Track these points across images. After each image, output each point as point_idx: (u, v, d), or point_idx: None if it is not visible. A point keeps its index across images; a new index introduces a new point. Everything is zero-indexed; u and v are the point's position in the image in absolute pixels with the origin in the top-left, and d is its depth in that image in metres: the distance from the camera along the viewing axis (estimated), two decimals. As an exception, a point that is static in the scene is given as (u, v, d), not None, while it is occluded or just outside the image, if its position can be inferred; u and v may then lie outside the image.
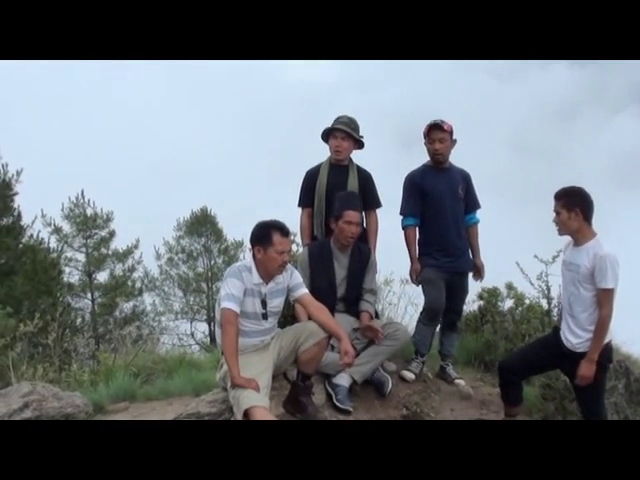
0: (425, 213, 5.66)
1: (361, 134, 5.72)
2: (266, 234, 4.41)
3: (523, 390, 4.98)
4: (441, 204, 5.60)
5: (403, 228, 5.74)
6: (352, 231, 5.26)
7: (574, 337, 4.49)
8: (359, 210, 5.35)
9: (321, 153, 5.83)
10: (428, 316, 5.65)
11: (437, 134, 5.51)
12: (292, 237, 5.19)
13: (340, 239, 5.33)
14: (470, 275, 5.87)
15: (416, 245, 5.74)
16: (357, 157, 5.82)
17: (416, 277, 5.77)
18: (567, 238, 4.65)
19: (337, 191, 5.50)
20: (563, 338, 4.58)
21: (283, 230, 4.46)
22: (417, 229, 5.74)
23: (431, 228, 5.65)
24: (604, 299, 4.35)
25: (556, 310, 6.20)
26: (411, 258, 5.76)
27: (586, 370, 4.39)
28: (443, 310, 5.63)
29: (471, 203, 5.84)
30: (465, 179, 5.78)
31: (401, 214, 5.75)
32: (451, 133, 5.54)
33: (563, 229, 4.51)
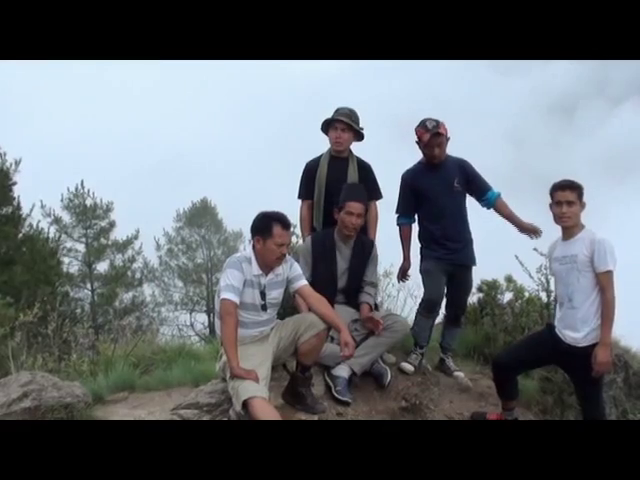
0: (422, 211, 5.72)
1: (361, 126, 5.71)
2: (266, 225, 4.40)
3: (519, 384, 4.99)
4: (436, 202, 5.60)
5: (397, 225, 5.87)
6: (352, 222, 5.25)
7: (575, 332, 4.48)
8: (362, 202, 5.34)
9: (321, 145, 5.83)
10: (427, 307, 5.65)
11: (437, 140, 5.50)
12: (292, 229, 5.19)
13: (342, 229, 5.34)
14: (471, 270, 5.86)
15: (410, 243, 5.83)
16: (357, 149, 5.82)
17: (402, 276, 5.99)
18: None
19: (337, 183, 5.50)
20: (561, 335, 4.57)
21: (284, 223, 4.45)
22: (411, 227, 5.83)
23: (429, 225, 5.67)
24: (606, 282, 4.36)
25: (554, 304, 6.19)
26: (403, 256, 5.90)
27: (603, 356, 4.35)
28: (441, 302, 5.65)
29: (480, 186, 5.75)
30: (462, 169, 5.70)
31: (396, 213, 5.88)
32: (446, 133, 5.56)
33: (572, 220, 4.50)
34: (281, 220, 4.44)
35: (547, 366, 5.24)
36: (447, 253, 5.58)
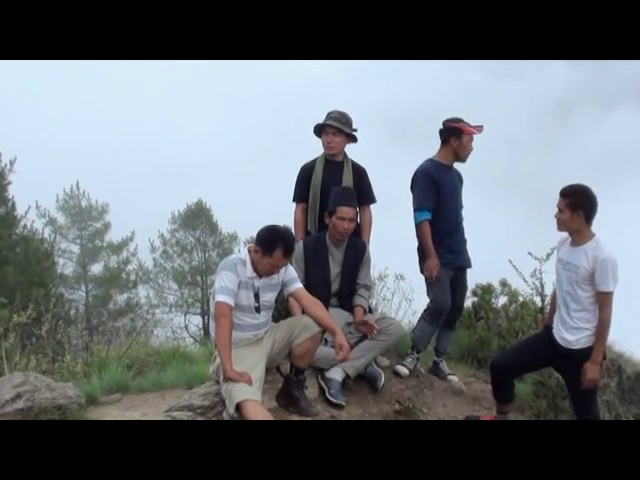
0: (436, 209, 5.56)
1: (355, 127, 5.71)
2: (271, 245, 4.35)
3: (515, 387, 4.99)
4: (450, 201, 5.61)
5: (418, 223, 5.55)
6: (345, 227, 5.25)
7: (570, 335, 4.48)
8: (353, 206, 5.34)
9: (316, 147, 5.82)
10: (433, 315, 5.63)
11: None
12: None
13: (334, 234, 5.34)
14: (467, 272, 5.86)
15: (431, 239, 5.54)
16: (350, 151, 5.83)
17: (433, 272, 5.50)
18: (562, 234, 4.64)
19: (332, 186, 5.49)
20: (557, 337, 4.57)
21: (287, 250, 4.40)
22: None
23: (440, 224, 5.56)
24: (604, 301, 4.34)
25: (549, 308, 6.20)
26: (428, 252, 5.51)
27: (592, 373, 4.39)
28: (448, 309, 5.59)
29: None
30: (460, 179, 5.80)
31: (418, 208, 5.57)
32: None
33: (563, 227, 4.50)
34: (285, 245, 4.38)
35: (544, 368, 5.23)
36: (453, 258, 5.58)
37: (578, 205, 4.36)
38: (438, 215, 5.57)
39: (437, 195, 5.54)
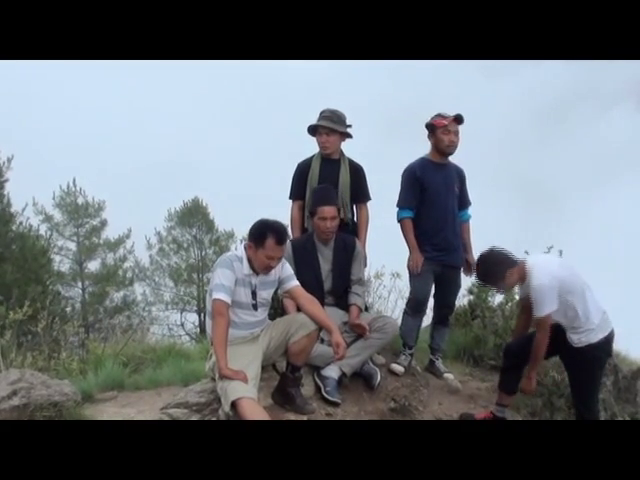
0: (421, 207, 5.61)
1: (349, 123, 5.70)
2: (261, 235, 4.35)
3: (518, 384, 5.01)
4: (438, 199, 5.59)
5: (399, 220, 5.67)
6: (327, 226, 5.25)
7: (573, 336, 4.65)
8: (334, 204, 5.33)
9: (313, 145, 5.81)
10: (413, 307, 5.67)
11: (455, 126, 5.57)
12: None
13: (318, 234, 5.34)
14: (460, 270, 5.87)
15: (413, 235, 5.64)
16: (346, 148, 5.83)
17: (420, 266, 5.57)
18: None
19: (329, 184, 5.50)
20: (567, 334, 4.69)
21: (279, 237, 4.37)
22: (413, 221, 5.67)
23: (426, 222, 5.60)
24: (539, 325, 4.58)
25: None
26: (411, 247, 5.61)
27: (525, 385, 4.74)
28: (427, 301, 5.64)
29: (464, 200, 5.86)
30: (459, 176, 5.79)
31: (398, 206, 5.70)
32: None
33: (511, 288, 4.99)
34: (276, 234, 4.36)
35: (554, 357, 5.26)
36: (437, 255, 5.57)
37: (503, 271, 4.62)
38: (424, 213, 5.62)
39: (423, 193, 5.59)
